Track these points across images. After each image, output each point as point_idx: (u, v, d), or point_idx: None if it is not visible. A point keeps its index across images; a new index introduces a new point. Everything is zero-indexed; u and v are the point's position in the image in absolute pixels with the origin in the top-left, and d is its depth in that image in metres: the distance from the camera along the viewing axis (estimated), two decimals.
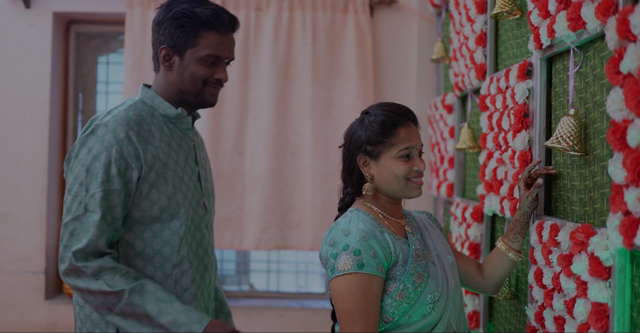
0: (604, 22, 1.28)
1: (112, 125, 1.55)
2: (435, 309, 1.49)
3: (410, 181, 1.56)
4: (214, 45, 1.60)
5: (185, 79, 1.61)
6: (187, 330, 1.46)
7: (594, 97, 1.43)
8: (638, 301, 1.24)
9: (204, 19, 1.58)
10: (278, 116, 3.34)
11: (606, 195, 1.38)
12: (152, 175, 1.57)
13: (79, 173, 1.53)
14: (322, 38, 3.37)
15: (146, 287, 1.49)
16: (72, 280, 1.49)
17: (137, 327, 1.48)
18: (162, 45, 1.62)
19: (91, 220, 1.49)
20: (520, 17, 1.97)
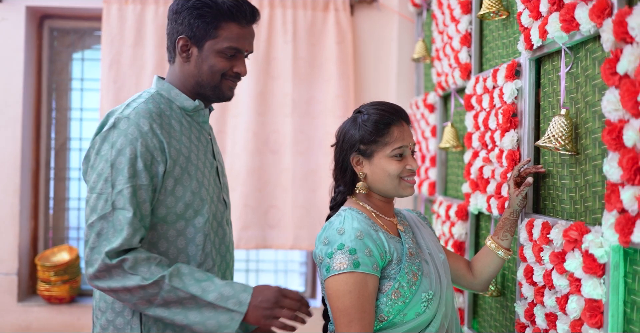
0: (599, 24, 1.31)
1: (134, 117, 1.46)
2: (430, 307, 1.50)
3: (404, 180, 1.57)
4: (235, 38, 1.53)
5: (203, 71, 1.55)
6: (236, 301, 1.41)
7: (585, 98, 1.46)
8: (632, 297, 1.27)
9: (226, 9, 1.52)
10: (258, 114, 3.32)
11: (598, 193, 1.41)
12: (177, 170, 1.50)
13: (103, 170, 1.44)
14: (303, 36, 3.36)
15: (182, 270, 1.43)
16: (105, 282, 1.40)
17: (183, 312, 1.41)
18: (179, 35, 1.55)
19: (122, 218, 1.40)
20: (507, 17, 1.99)
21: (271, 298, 1.43)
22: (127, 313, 1.50)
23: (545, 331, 1.56)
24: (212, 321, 1.41)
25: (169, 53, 1.62)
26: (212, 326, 1.41)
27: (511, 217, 1.69)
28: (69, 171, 3.67)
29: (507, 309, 1.97)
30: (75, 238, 3.68)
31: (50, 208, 3.65)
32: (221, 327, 1.41)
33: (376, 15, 3.48)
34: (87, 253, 1.42)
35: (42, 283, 3.39)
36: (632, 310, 1.26)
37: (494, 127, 1.95)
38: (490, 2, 1.97)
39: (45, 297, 3.39)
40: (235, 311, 1.40)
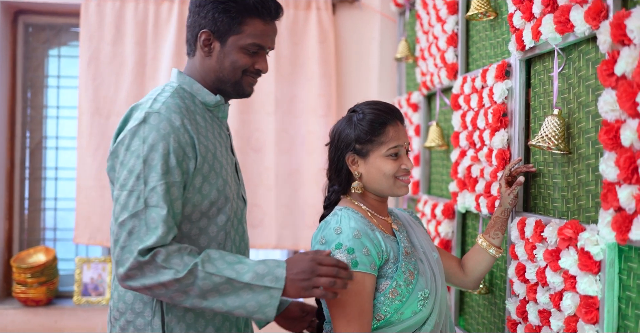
0: (594, 26, 1.33)
1: (165, 112, 1.42)
2: (426, 306, 1.51)
3: (399, 179, 1.58)
4: (259, 34, 1.51)
5: (224, 67, 1.52)
6: (272, 278, 1.36)
7: (578, 98, 1.49)
8: (626, 293, 1.30)
9: (251, 5, 1.49)
10: (240, 112, 3.29)
11: (592, 192, 1.44)
12: (206, 167, 1.47)
13: (135, 166, 1.38)
14: (285, 35, 3.35)
15: (212, 255, 1.38)
16: (137, 280, 1.34)
17: (221, 300, 1.35)
18: (202, 29, 1.51)
19: (156, 216, 1.35)
20: (495, 18, 2.02)
21: (307, 268, 1.37)
22: (148, 314, 1.47)
23: (538, 327, 1.59)
24: (251, 302, 1.36)
25: (188, 46, 1.58)
26: (253, 307, 1.36)
27: (502, 216, 1.71)
28: (44, 171, 3.59)
29: (496, 306, 1.99)
30: (51, 239, 3.60)
31: (25, 209, 3.57)
32: (262, 306, 1.36)
33: (358, 14, 3.48)
34: (117, 252, 1.36)
35: (18, 286, 3.31)
36: (627, 305, 1.29)
37: (483, 126, 1.98)
38: (479, 3, 2.00)
39: (22, 299, 3.31)
40: (273, 288, 1.36)
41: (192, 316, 1.49)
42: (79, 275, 3.43)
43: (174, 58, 3.24)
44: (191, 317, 1.49)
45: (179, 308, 1.47)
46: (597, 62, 1.41)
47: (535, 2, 1.57)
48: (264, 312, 1.36)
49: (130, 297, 1.48)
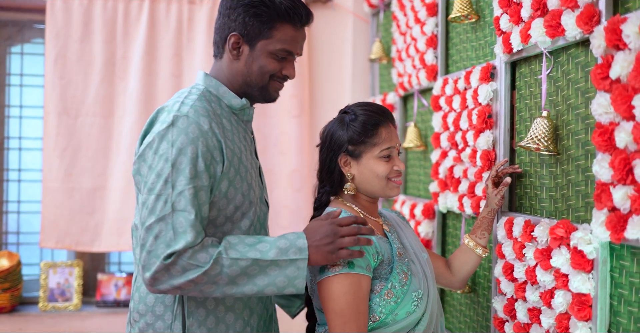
0: (586, 30, 1.37)
1: (193, 116, 1.41)
2: (419, 306, 1.52)
3: (391, 181, 1.58)
4: (289, 40, 1.50)
5: (252, 71, 1.52)
6: (295, 250, 1.38)
7: (567, 101, 1.52)
8: (619, 291, 1.33)
9: (283, 10, 1.47)
10: None
11: (582, 192, 1.47)
12: (232, 171, 1.46)
13: (163, 169, 1.36)
14: None
15: (232, 241, 1.39)
16: (166, 282, 1.33)
17: (251, 282, 1.36)
18: (232, 31, 1.49)
19: (184, 220, 1.33)
20: (477, 21, 2.05)
21: (328, 232, 1.40)
22: (168, 317, 1.46)
23: (527, 325, 1.62)
24: (280, 278, 1.37)
25: (216, 48, 1.56)
26: (282, 282, 1.37)
27: (489, 216, 1.74)
28: (7, 173, 3.45)
29: (479, 305, 2.02)
30: (14, 244, 3.47)
31: None
32: (291, 279, 1.38)
33: (330, 14, 3.48)
34: (143, 257, 1.33)
35: None
36: (619, 303, 1.33)
37: (466, 127, 2.00)
38: (461, 6, 2.02)
39: None
40: (299, 259, 1.38)
41: (213, 320, 1.48)
42: (45, 280, 3.32)
43: (145, 57, 3.17)
44: (212, 321, 1.48)
45: (200, 313, 1.47)
46: (587, 65, 1.44)
47: (524, 6, 1.60)
48: (294, 284, 1.38)
49: (152, 299, 1.48)
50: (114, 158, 3.16)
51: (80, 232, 3.15)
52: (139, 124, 3.14)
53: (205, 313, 1.47)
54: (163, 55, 3.21)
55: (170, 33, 3.22)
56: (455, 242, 2.26)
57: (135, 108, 3.15)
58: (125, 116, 3.16)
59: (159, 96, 3.20)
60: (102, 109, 3.16)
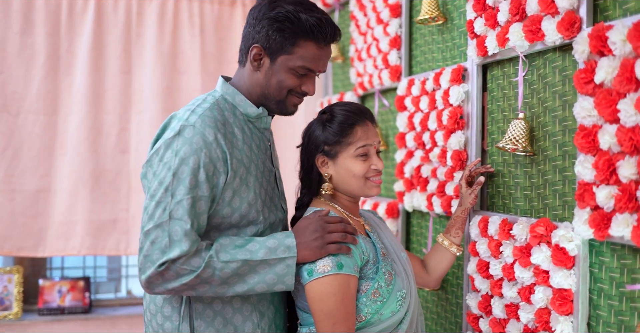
0: (566, 36, 1.42)
1: (200, 126, 1.41)
2: (403, 305, 1.53)
3: (369, 180, 1.58)
4: (310, 58, 1.48)
5: (271, 84, 1.51)
6: (284, 248, 1.43)
7: (544, 103, 1.57)
8: (598, 285, 1.40)
9: (307, 27, 1.45)
10: (166, 110, 3.15)
11: (559, 191, 1.53)
12: (237, 181, 1.46)
13: (165, 178, 1.38)
14: (210, 30, 3.25)
15: (223, 242, 1.42)
16: (160, 286, 1.38)
17: (241, 281, 1.41)
18: (255, 43, 1.48)
19: (179, 229, 1.36)
20: (444, 23, 2.09)
21: (317, 228, 1.45)
22: (176, 318, 1.49)
23: (503, 321, 1.67)
24: (270, 275, 1.42)
25: (240, 55, 1.55)
26: (272, 280, 1.42)
27: (462, 215, 1.78)
28: None
29: (448, 302, 2.07)
30: None
31: None
32: (280, 277, 1.42)
33: None
34: (140, 260, 1.38)
35: None
36: (599, 296, 1.40)
37: (435, 128, 2.04)
38: (429, 8, 2.05)
39: None
40: (288, 257, 1.42)
41: (220, 321, 1.50)
42: None
43: (92, 52, 3.03)
44: (220, 322, 1.50)
45: (207, 314, 1.49)
46: (565, 69, 1.50)
47: (501, 11, 1.64)
48: (283, 281, 1.43)
49: (160, 300, 1.51)
50: (59, 158, 3.01)
51: (22, 237, 2.97)
52: (87, 122, 3.01)
53: (212, 314, 1.50)
54: (111, 51, 3.08)
55: (119, 28, 3.09)
56: (420, 240, 2.30)
57: (82, 106, 3.01)
58: (71, 114, 3.01)
59: (108, 93, 3.07)
60: (45, 106, 3.00)
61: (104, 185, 3.05)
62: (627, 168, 1.24)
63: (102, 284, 3.56)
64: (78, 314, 3.23)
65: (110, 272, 3.63)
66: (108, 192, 3.06)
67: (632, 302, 1.31)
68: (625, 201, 1.24)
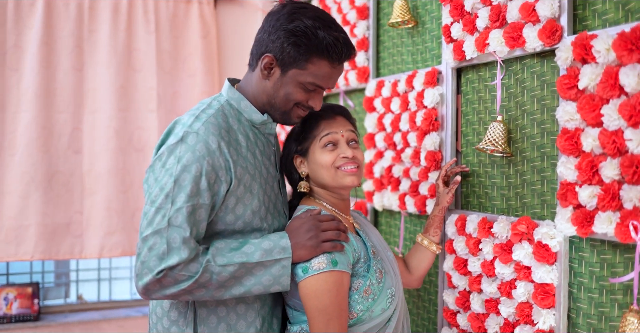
0: (547, 43, 1.50)
1: (203, 134, 1.39)
2: (392, 303, 1.57)
3: (340, 169, 1.58)
4: (321, 76, 1.47)
5: (278, 95, 1.49)
6: (279, 249, 1.43)
7: (522, 107, 1.65)
8: (578, 279, 1.48)
9: (323, 45, 1.43)
10: (120, 110, 3.05)
11: (537, 191, 1.61)
12: (241, 189, 1.45)
13: (166, 184, 1.36)
14: (166, 27, 3.17)
15: (219, 246, 1.41)
16: (157, 292, 1.36)
17: (238, 283, 1.40)
18: (268, 51, 1.46)
19: (177, 236, 1.34)
20: (414, 26, 2.14)
21: (311, 227, 1.47)
22: (182, 323, 1.49)
23: (482, 315, 1.74)
24: (266, 277, 1.42)
25: (251, 58, 1.52)
26: (268, 281, 1.42)
27: (440, 214, 1.83)
28: None
29: (420, 298, 2.13)
30: None
31: None
32: (276, 277, 1.43)
33: (239, 10, 3.43)
34: (137, 265, 1.36)
35: None
36: (578, 290, 1.48)
37: (407, 129, 2.09)
38: (401, 11, 2.10)
39: None
40: (283, 258, 1.43)
41: (224, 327, 1.49)
42: None
43: (42, 48, 2.90)
44: (223, 328, 1.49)
45: (211, 320, 1.48)
46: (543, 75, 1.58)
47: (480, 17, 1.70)
48: (279, 282, 1.43)
49: (167, 304, 1.51)
50: (7, 158, 2.86)
51: None
52: (38, 122, 2.88)
53: (216, 320, 1.49)
54: (62, 46, 2.96)
55: (70, 22, 2.98)
56: (388, 238, 2.34)
57: (32, 104, 2.87)
58: (20, 112, 2.87)
59: (59, 91, 2.95)
60: None
61: (57, 187, 2.93)
62: (610, 169, 1.33)
63: (50, 290, 3.42)
64: (27, 322, 3.09)
65: (58, 277, 3.49)
66: (61, 194, 2.94)
67: (612, 294, 1.40)
68: (608, 200, 1.32)
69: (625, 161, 1.29)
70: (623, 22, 1.36)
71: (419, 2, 2.11)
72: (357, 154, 1.60)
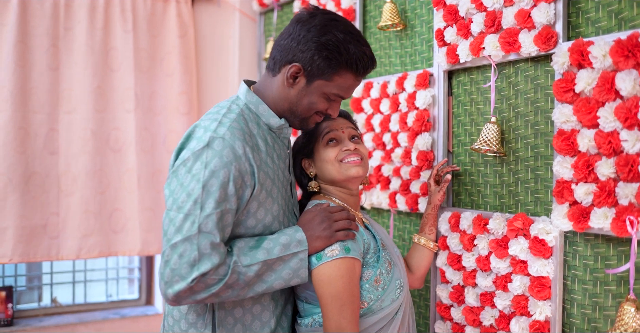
0: (542, 49, 1.58)
1: (229, 139, 1.40)
2: (401, 294, 1.61)
3: (343, 162, 1.64)
4: (345, 87, 1.51)
5: (301, 103, 1.52)
6: (296, 243, 1.47)
7: (516, 108, 1.73)
8: (572, 272, 1.57)
9: (353, 59, 1.46)
10: (97, 110, 3.00)
11: (531, 189, 1.69)
12: (263, 194, 1.46)
13: (194, 190, 1.36)
14: (143, 26, 3.14)
15: (239, 245, 1.43)
16: (188, 298, 1.37)
17: (260, 281, 1.43)
18: (296, 61, 1.46)
19: (208, 243, 1.35)
20: (403, 30, 2.20)
21: (324, 219, 1.51)
22: (200, 325, 1.50)
23: (477, 308, 1.81)
24: (286, 271, 1.45)
25: (273, 63, 1.51)
26: (288, 275, 1.46)
27: (433, 212, 1.90)
28: None
29: (410, 293, 2.19)
30: None
31: None
32: (295, 270, 1.46)
33: (217, 10, 3.42)
34: (167, 273, 1.35)
35: None
36: (572, 282, 1.57)
37: (397, 129, 2.15)
38: (391, 15, 2.15)
39: None
40: (300, 251, 1.47)
41: (240, 328, 1.51)
42: None
43: (17, 46, 2.82)
44: (240, 328, 1.51)
45: (228, 321, 1.50)
46: (536, 78, 1.66)
47: (475, 22, 1.77)
48: (298, 274, 1.47)
49: (185, 307, 1.52)
50: None
51: None
52: (13, 122, 2.80)
53: (233, 321, 1.50)
54: (38, 45, 2.89)
55: (46, 20, 2.91)
56: None
57: (7, 103, 2.79)
58: None
59: (35, 91, 2.88)
60: None
61: (34, 189, 2.86)
62: (606, 167, 1.41)
63: (23, 293, 3.33)
64: (1, 327, 3.00)
65: (30, 280, 3.40)
66: (38, 195, 2.87)
67: (605, 285, 1.49)
68: (604, 197, 1.41)
69: (620, 160, 1.38)
70: (616, 30, 1.45)
71: (408, 6, 2.17)
72: (360, 147, 1.66)
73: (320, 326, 1.53)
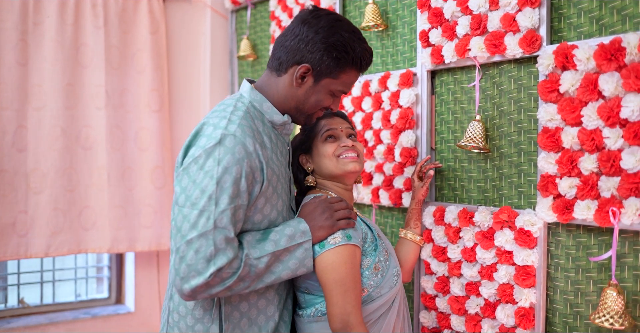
0: (527, 51, 1.67)
1: (240, 136, 1.42)
2: (398, 282, 1.68)
3: (340, 157, 1.70)
4: (349, 83, 1.58)
5: (308, 101, 1.57)
6: (301, 234, 1.51)
7: (500, 107, 1.82)
8: (555, 261, 1.67)
9: (358, 58, 1.52)
10: (67, 107, 2.95)
11: (514, 183, 1.79)
12: (270, 190, 1.49)
13: (207, 186, 1.38)
14: (115, 22, 3.10)
15: (248, 239, 1.46)
16: (204, 292, 1.39)
17: (269, 272, 1.47)
18: (305, 62, 1.50)
19: (224, 238, 1.38)
20: (384, 30, 2.27)
21: (325, 209, 1.57)
22: (207, 320, 1.52)
23: (462, 297, 1.90)
24: (292, 261, 1.50)
25: (278, 63, 1.53)
26: (294, 265, 1.50)
27: (417, 207, 1.98)
28: None
29: None
30: None
31: None
32: (301, 260, 1.51)
33: (188, 7, 3.41)
34: (182, 269, 1.38)
35: None
36: (555, 270, 1.67)
37: (379, 126, 2.22)
38: (373, 15, 2.22)
39: None
40: (304, 241, 1.51)
41: (246, 322, 1.55)
42: None
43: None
44: (245, 323, 1.54)
45: (235, 316, 1.53)
46: (519, 79, 1.75)
47: (460, 24, 1.85)
48: (304, 263, 1.52)
49: (192, 303, 1.54)
50: None
51: None
52: None
53: (239, 316, 1.54)
54: (6, 40, 2.81)
55: (14, 14, 2.83)
56: None
57: None
58: None
59: (3, 86, 2.81)
60: None
61: (2, 187, 2.79)
62: (589, 162, 1.52)
63: None
64: None
65: None
66: (6, 193, 2.80)
67: (587, 272, 1.60)
68: (588, 190, 1.52)
69: (602, 156, 1.49)
70: (597, 35, 1.56)
71: (389, 7, 2.24)
72: (357, 144, 1.72)
73: (323, 315, 1.58)
